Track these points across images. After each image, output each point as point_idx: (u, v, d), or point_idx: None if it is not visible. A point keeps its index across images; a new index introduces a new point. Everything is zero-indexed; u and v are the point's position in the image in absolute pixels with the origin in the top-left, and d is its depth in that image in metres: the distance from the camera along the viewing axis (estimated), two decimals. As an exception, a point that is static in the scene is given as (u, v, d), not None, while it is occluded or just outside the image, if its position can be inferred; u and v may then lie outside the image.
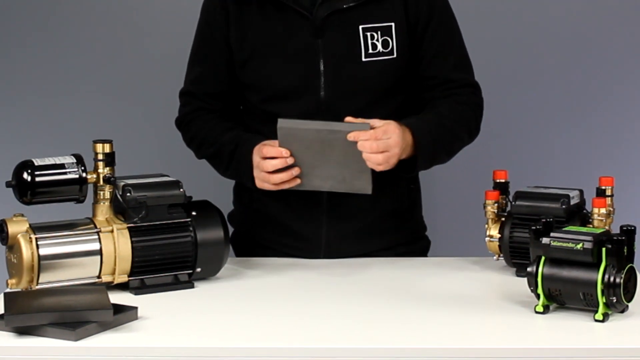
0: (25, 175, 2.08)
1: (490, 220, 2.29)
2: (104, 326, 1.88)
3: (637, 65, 3.50)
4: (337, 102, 2.35)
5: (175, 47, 3.54)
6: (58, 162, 2.11)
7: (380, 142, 2.18)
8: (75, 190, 2.12)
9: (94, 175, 2.14)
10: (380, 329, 1.92)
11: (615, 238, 1.93)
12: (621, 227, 1.96)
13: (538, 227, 1.98)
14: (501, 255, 2.28)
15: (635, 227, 1.97)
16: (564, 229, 2.00)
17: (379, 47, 2.35)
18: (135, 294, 2.12)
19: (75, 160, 2.12)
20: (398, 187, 2.42)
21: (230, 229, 2.51)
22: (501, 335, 1.90)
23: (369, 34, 2.34)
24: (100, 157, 2.15)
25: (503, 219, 2.28)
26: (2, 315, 1.88)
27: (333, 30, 2.34)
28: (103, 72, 3.53)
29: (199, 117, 2.49)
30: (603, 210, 2.16)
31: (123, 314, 1.93)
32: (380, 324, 1.95)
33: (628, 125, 3.50)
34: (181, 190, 2.18)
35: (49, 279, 2.06)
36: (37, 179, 2.08)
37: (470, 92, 2.44)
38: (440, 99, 2.40)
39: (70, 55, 3.52)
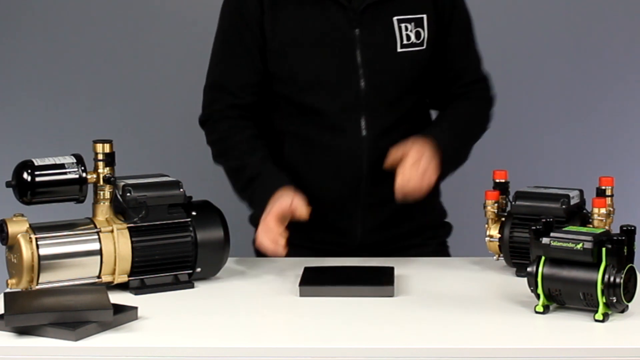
0: (25, 175, 2.08)
1: (490, 220, 2.29)
2: (104, 326, 1.88)
3: (637, 65, 3.50)
4: (374, 94, 2.37)
5: (176, 47, 3.55)
6: (58, 162, 2.11)
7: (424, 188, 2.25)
8: (75, 190, 2.12)
9: (94, 175, 2.14)
10: (381, 329, 1.92)
11: (615, 238, 1.93)
12: (621, 227, 1.96)
13: (538, 227, 1.98)
14: (501, 255, 2.28)
15: (635, 227, 1.96)
16: (564, 229, 1.99)
17: (412, 39, 2.37)
18: (135, 294, 2.12)
19: (75, 160, 2.12)
20: None
21: (244, 229, 2.52)
22: (501, 335, 1.90)
23: (403, 25, 2.36)
24: (100, 157, 2.15)
25: (503, 219, 2.28)
26: (2, 315, 1.88)
27: (370, 22, 2.35)
28: (103, 72, 3.53)
29: (228, 118, 2.44)
30: (603, 210, 2.16)
31: (123, 314, 1.93)
32: (380, 324, 1.95)
33: (628, 125, 3.51)
34: (181, 190, 2.18)
35: (49, 279, 2.06)
36: (37, 179, 2.08)
37: (486, 87, 2.51)
38: (460, 99, 2.46)
39: (70, 55, 3.53)
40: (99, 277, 2.11)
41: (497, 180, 2.32)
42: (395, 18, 2.36)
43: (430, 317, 1.98)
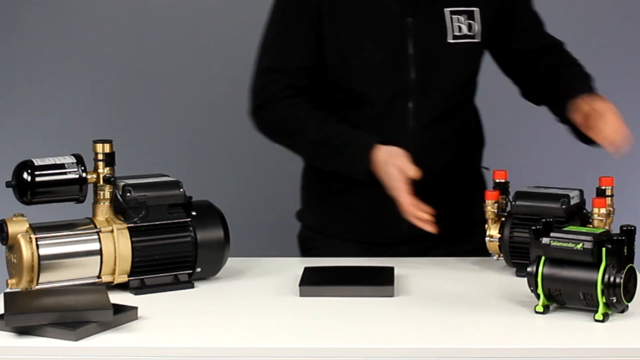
0: (25, 175, 2.08)
1: (490, 220, 2.29)
2: (104, 326, 1.88)
3: (637, 65, 3.50)
4: (425, 83, 2.38)
5: (176, 48, 3.55)
6: (58, 162, 2.11)
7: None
8: (75, 190, 2.12)
9: (94, 175, 2.14)
10: (380, 329, 1.92)
11: (615, 238, 1.93)
12: (621, 227, 1.96)
13: (538, 227, 1.98)
14: (501, 255, 2.27)
15: (635, 227, 1.96)
16: (564, 229, 1.99)
17: (464, 30, 2.39)
18: (135, 294, 2.12)
19: (75, 160, 2.12)
20: (472, 172, 2.47)
21: (298, 225, 2.54)
22: (501, 335, 1.90)
23: (455, 16, 2.39)
24: (100, 157, 2.15)
25: (503, 219, 2.28)
26: (2, 315, 1.88)
27: (421, 11, 2.37)
28: (103, 72, 3.54)
29: (288, 97, 2.42)
30: (603, 210, 2.16)
31: (123, 314, 1.93)
32: (380, 324, 1.95)
33: (628, 125, 3.50)
34: (181, 190, 2.18)
35: (49, 279, 2.06)
36: (37, 179, 2.08)
37: (566, 51, 2.55)
38: (547, 59, 2.51)
39: (70, 55, 3.53)
40: (99, 277, 2.11)
41: (497, 180, 2.32)
42: (447, 9, 2.38)
43: (430, 317, 1.98)
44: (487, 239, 2.28)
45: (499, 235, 2.26)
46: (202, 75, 3.58)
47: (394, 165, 2.25)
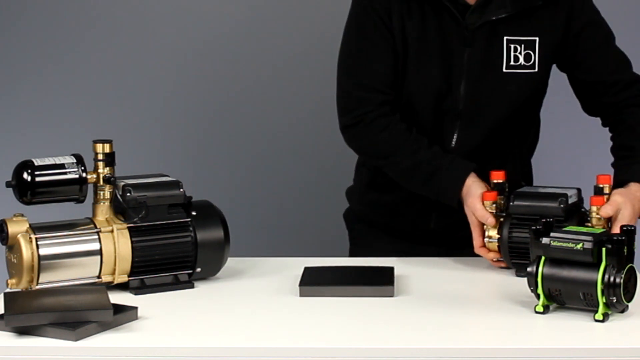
0: (25, 175, 2.08)
1: None
2: (104, 326, 1.88)
3: (637, 64, 3.49)
4: (475, 111, 2.40)
5: (176, 48, 3.55)
6: (58, 162, 2.11)
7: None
8: (75, 190, 2.12)
9: (94, 175, 2.14)
10: (380, 329, 1.92)
11: (615, 238, 1.93)
12: (621, 227, 1.96)
13: (538, 227, 1.98)
14: (500, 258, 2.27)
15: (635, 227, 1.97)
16: (563, 229, 1.99)
17: (521, 60, 2.39)
18: (135, 294, 2.12)
19: (75, 160, 2.12)
20: (512, 180, 2.44)
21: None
22: (501, 335, 1.90)
23: (512, 46, 2.38)
24: (100, 157, 2.15)
25: (502, 219, 2.28)
26: (2, 315, 1.88)
27: (481, 41, 2.38)
28: (103, 72, 3.54)
29: (384, 116, 2.41)
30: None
31: (123, 314, 1.93)
32: (380, 324, 1.95)
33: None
34: (181, 190, 2.18)
35: (49, 279, 2.06)
36: (37, 179, 2.08)
37: (638, 89, 2.47)
38: (625, 114, 2.44)
39: (70, 55, 3.53)
40: (99, 277, 2.11)
41: (495, 181, 2.32)
42: (505, 38, 2.37)
43: (430, 317, 1.98)
44: (486, 240, 2.28)
45: (497, 236, 2.26)
46: (203, 75, 3.59)
47: (469, 208, 2.29)
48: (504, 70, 2.39)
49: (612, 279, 1.91)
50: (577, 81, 2.50)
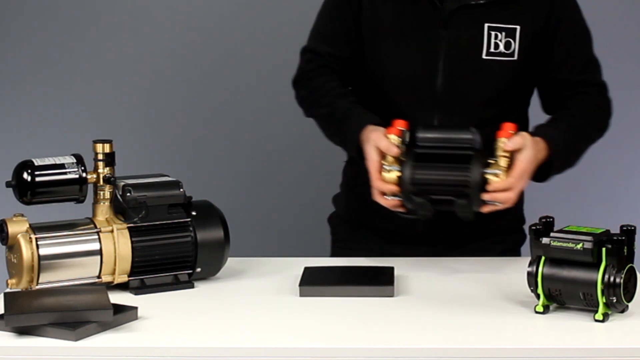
0: (25, 175, 2.08)
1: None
2: (104, 326, 1.88)
3: (637, 64, 3.50)
4: (451, 96, 2.37)
5: (176, 47, 3.55)
6: (58, 162, 2.11)
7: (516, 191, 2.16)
8: (75, 190, 2.12)
9: (94, 175, 2.14)
10: (380, 329, 1.92)
11: (615, 238, 1.93)
12: (621, 227, 1.96)
13: (538, 227, 1.98)
14: (399, 194, 2.17)
15: (635, 227, 1.96)
16: (564, 228, 1.99)
17: (501, 47, 2.36)
18: (135, 294, 2.12)
19: (75, 160, 2.12)
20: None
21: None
22: (501, 335, 1.90)
23: (493, 33, 2.36)
24: (100, 157, 2.15)
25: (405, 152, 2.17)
26: (2, 315, 1.88)
27: (459, 24, 2.36)
28: (103, 72, 3.54)
29: (322, 74, 2.47)
30: (506, 140, 2.14)
31: (123, 314, 1.93)
32: (380, 324, 1.95)
33: (628, 125, 3.50)
34: (181, 190, 2.18)
35: (49, 279, 2.06)
36: (37, 179, 2.08)
37: (597, 92, 2.46)
38: (570, 100, 2.42)
39: (70, 55, 3.53)
40: (99, 277, 2.11)
41: (399, 128, 2.20)
42: (486, 25, 2.36)
43: (430, 317, 1.98)
44: (384, 173, 2.18)
45: (398, 168, 2.16)
46: (203, 75, 3.59)
47: (371, 143, 2.23)
48: (484, 57, 2.37)
49: (612, 279, 1.91)
50: (545, 77, 2.46)
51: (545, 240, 1.96)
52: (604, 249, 1.92)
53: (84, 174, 2.12)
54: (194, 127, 3.61)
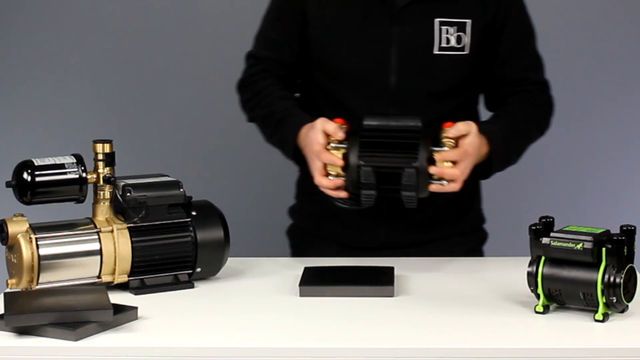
0: (25, 175, 2.08)
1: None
2: (104, 326, 1.88)
3: (637, 65, 3.50)
4: (405, 92, 2.36)
5: (176, 47, 3.55)
6: (58, 162, 2.11)
7: (460, 167, 2.16)
8: (75, 190, 2.12)
9: (94, 175, 2.14)
10: (380, 329, 1.92)
11: (615, 238, 1.93)
12: (621, 227, 1.96)
13: (538, 227, 1.98)
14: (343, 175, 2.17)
15: (635, 227, 1.96)
16: (564, 228, 1.99)
17: (452, 42, 2.36)
18: (135, 294, 2.12)
19: (75, 160, 2.12)
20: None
21: (289, 222, 2.57)
22: (501, 335, 1.90)
23: (444, 27, 2.35)
24: (100, 157, 2.15)
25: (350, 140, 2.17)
26: (2, 315, 1.88)
27: (409, 20, 2.35)
28: (103, 72, 3.54)
29: (264, 79, 2.46)
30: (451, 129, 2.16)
31: (123, 314, 1.93)
32: (380, 324, 1.95)
33: (628, 125, 3.51)
34: (181, 190, 2.18)
35: (49, 279, 2.06)
36: (37, 179, 2.08)
37: (539, 90, 2.46)
38: (511, 98, 2.42)
39: (70, 55, 3.53)
40: (99, 277, 2.11)
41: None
42: (437, 20, 2.35)
43: (430, 317, 1.98)
44: (330, 146, 2.19)
45: (341, 163, 2.16)
46: (203, 75, 3.59)
47: (317, 127, 2.21)
48: (436, 52, 2.36)
49: (612, 279, 1.91)
50: (489, 73, 2.45)
51: (545, 240, 1.96)
52: (604, 249, 1.92)
53: (84, 174, 2.12)
54: (194, 127, 3.61)
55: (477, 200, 2.54)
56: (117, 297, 2.03)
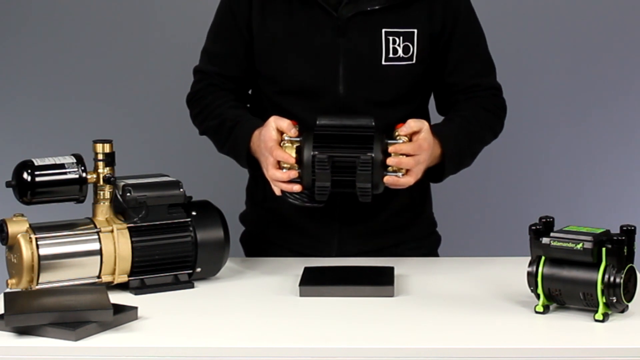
0: (25, 175, 2.08)
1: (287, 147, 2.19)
2: (104, 326, 1.88)
3: (636, 65, 3.50)
4: (354, 104, 2.34)
5: (175, 47, 3.55)
6: (58, 162, 2.11)
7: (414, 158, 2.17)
8: (75, 190, 2.12)
9: (94, 175, 2.14)
10: (380, 329, 1.92)
11: (615, 238, 1.93)
12: (621, 227, 1.96)
13: (538, 227, 1.98)
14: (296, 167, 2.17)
15: (635, 227, 1.96)
16: (564, 228, 1.99)
17: (400, 52, 2.34)
18: (135, 294, 2.12)
19: (75, 160, 2.12)
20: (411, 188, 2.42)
21: (242, 229, 2.53)
22: (501, 335, 1.90)
23: (391, 38, 2.34)
24: (100, 157, 2.15)
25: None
26: (2, 315, 1.88)
27: (355, 31, 2.33)
28: (103, 72, 3.53)
29: (211, 93, 2.45)
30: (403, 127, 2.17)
31: (123, 314, 1.93)
32: (380, 324, 1.95)
33: (628, 124, 3.51)
34: (181, 190, 2.18)
35: (49, 279, 2.06)
36: (37, 179, 2.08)
37: (492, 94, 2.45)
38: (463, 103, 2.41)
39: (70, 55, 3.53)
40: (99, 277, 2.11)
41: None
42: (384, 30, 2.33)
43: (430, 317, 1.98)
44: (284, 141, 2.19)
45: (294, 158, 2.16)
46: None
47: (270, 124, 2.20)
48: (383, 62, 2.34)
49: (612, 279, 1.91)
50: (438, 80, 2.44)
51: (545, 240, 1.96)
52: (604, 249, 1.92)
53: (84, 174, 2.12)
54: (194, 127, 3.61)
55: (428, 205, 2.53)
56: (117, 297, 2.03)
